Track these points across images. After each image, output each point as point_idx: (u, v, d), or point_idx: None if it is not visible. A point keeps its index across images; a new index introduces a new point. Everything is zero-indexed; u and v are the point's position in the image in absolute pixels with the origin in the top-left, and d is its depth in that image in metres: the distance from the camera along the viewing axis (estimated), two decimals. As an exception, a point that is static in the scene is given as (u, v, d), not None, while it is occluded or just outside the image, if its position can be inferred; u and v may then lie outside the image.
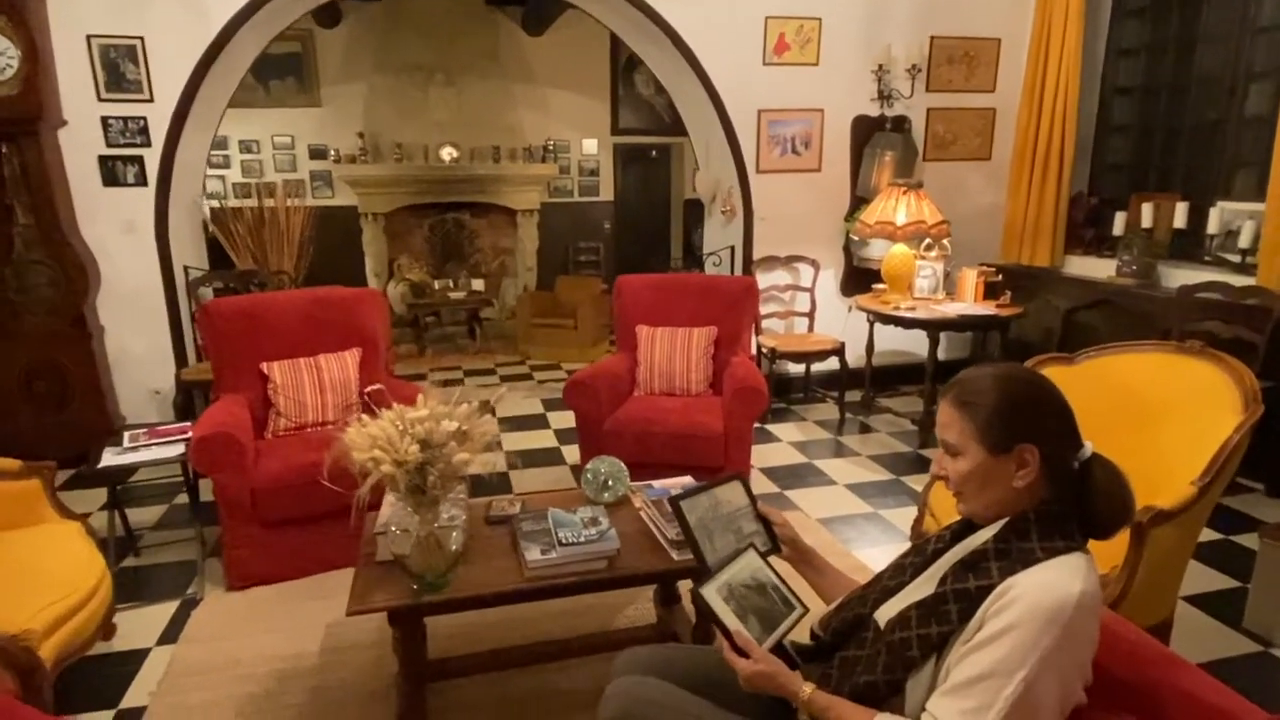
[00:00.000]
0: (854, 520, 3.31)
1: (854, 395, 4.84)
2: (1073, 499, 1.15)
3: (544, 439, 4.40)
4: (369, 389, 2.91)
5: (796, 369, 5.02)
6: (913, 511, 2.88)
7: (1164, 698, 1.20)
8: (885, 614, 1.24)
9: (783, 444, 4.26)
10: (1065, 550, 1.09)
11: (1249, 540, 3.04)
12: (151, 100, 3.98)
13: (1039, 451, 1.12)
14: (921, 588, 1.22)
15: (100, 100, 3.92)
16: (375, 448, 1.69)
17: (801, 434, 4.41)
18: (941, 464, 1.22)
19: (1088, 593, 1.04)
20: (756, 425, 4.40)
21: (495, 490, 3.55)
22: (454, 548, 1.87)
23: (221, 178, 7.63)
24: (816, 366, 4.93)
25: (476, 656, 2.23)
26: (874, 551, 3.01)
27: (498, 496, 2.36)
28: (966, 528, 1.26)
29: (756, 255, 4.85)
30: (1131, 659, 1.25)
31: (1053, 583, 1.04)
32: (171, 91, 3.99)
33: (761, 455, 4.04)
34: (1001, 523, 1.16)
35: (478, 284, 7.37)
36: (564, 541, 1.94)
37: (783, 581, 1.45)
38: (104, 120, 3.95)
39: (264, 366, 3.12)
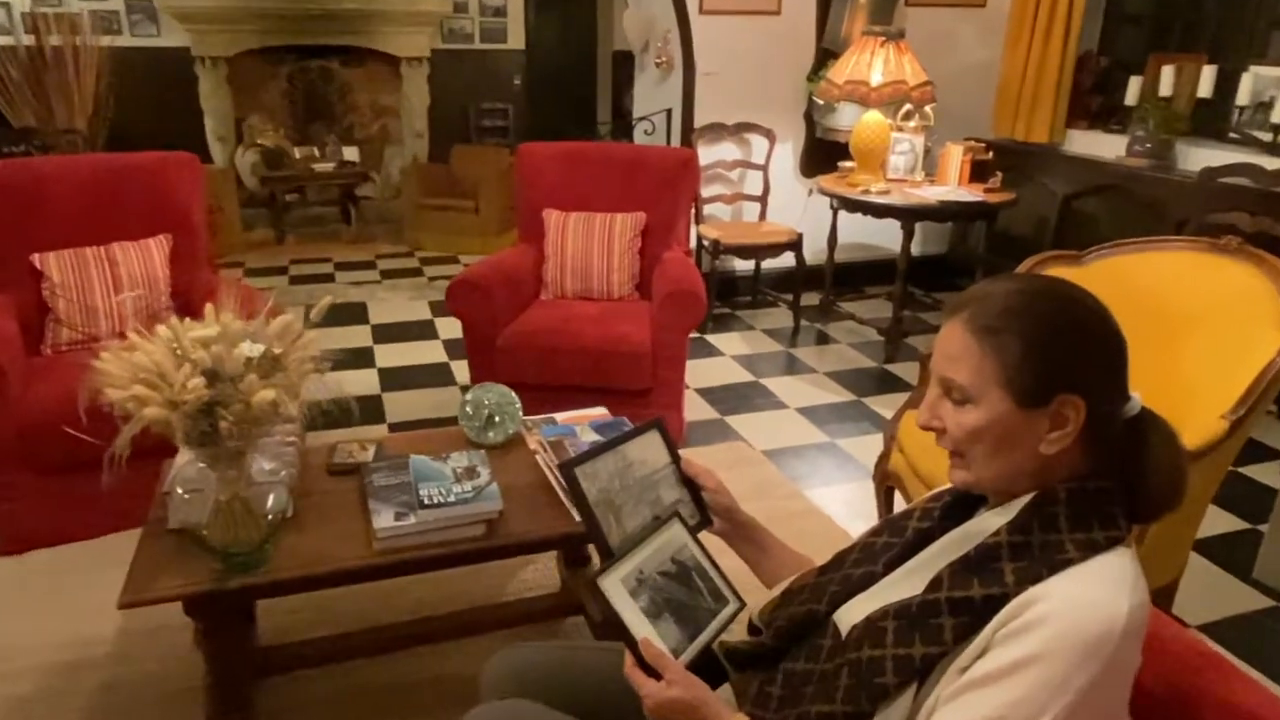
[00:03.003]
0: (806, 452, 3.20)
1: (811, 298, 4.72)
2: (1116, 471, 0.96)
3: (430, 352, 4.16)
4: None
5: (744, 266, 4.86)
6: (876, 441, 2.74)
7: (1208, 716, 1.05)
8: (849, 616, 1.06)
9: (725, 359, 4.13)
10: (1106, 545, 0.91)
11: (1262, 474, 3.03)
12: None
13: (1085, 406, 0.92)
14: (900, 585, 1.04)
15: None
16: (138, 382, 1.37)
17: (748, 346, 4.29)
18: (937, 412, 1.01)
19: (1138, 608, 0.87)
20: (694, 336, 4.27)
21: (361, 416, 3.31)
22: (271, 515, 1.61)
23: (5, 5, 6.69)
24: (768, 263, 4.76)
25: (321, 643, 2.02)
26: (829, 491, 2.91)
27: (346, 436, 2.08)
28: (963, 503, 1.07)
29: (699, 122, 4.58)
30: (1165, 664, 1.09)
31: (1094, 599, 0.86)
32: None
33: (699, 373, 3.90)
34: (1019, 504, 0.97)
35: (351, 153, 6.88)
36: (427, 502, 1.70)
37: (713, 565, 1.25)
38: None
39: (36, 259, 2.75)
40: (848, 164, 4.27)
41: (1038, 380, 0.93)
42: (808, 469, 3.07)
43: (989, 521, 1.00)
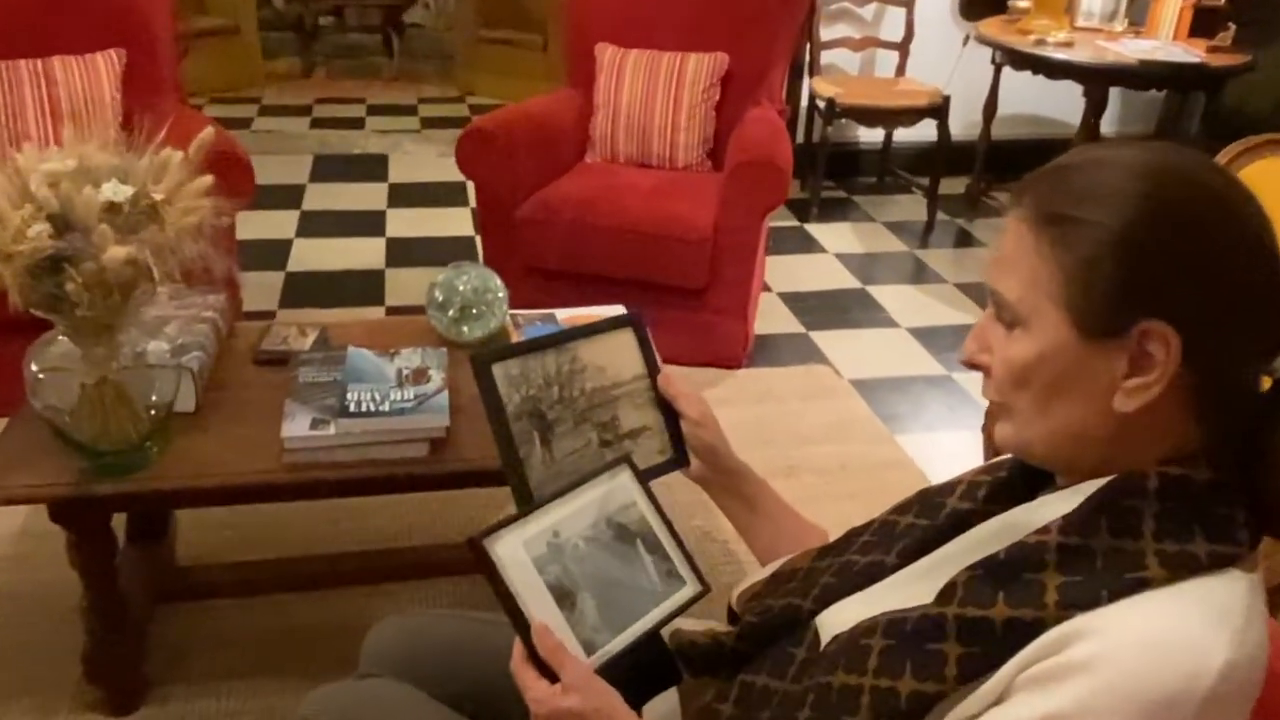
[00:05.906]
0: (910, 386, 3.09)
1: (956, 185, 4.52)
2: (1240, 459, 0.82)
3: (454, 222, 4.20)
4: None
5: (870, 137, 4.72)
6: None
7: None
8: (836, 621, 0.98)
9: (828, 257, 4.04)
10: (1209, 566, 0.78)
11: None
12: None
13: (1180, 340, 0.78)
14: (911, 587, 0.94)
15: None
16: (-37, 225, 1.31)
17: (861, 242, 4.17)
18: (983, 340, 0.90)
19: (1242, 664, 0.74)
20: (793, 225, 4.26)
21: (355, 296, 3.40)
22: (156, 408, 1.57)
23: None
24: (903, 135, 4.59)
25: (242, 569, 2.06)
26: (931, 439, 2.81)
27: (287, 317, 2.03)
28: (1024, 481, 0.95)
29: (824, -59, 4.38)
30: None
31: (1170, 643, 0.75)
32: None
33: (789, 273, 3.82)
34: (1089, 488, 0.84)
35: (398, -32, 6.79)
36: (353, 409, 1.63)
37: (670, 532, 1.15)
38: None
39: (-41, 72, 2.80)
40: (1022, 4, 4.03)
41: (1111, 296, 0.78)
42: (908, 408, 2.97)
43: (1043, 511, 0.87)
